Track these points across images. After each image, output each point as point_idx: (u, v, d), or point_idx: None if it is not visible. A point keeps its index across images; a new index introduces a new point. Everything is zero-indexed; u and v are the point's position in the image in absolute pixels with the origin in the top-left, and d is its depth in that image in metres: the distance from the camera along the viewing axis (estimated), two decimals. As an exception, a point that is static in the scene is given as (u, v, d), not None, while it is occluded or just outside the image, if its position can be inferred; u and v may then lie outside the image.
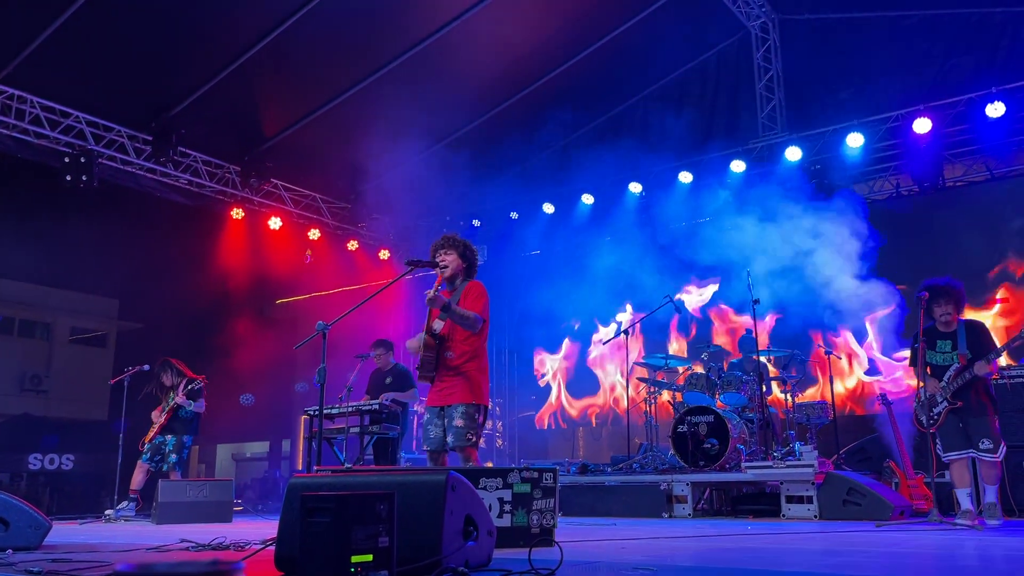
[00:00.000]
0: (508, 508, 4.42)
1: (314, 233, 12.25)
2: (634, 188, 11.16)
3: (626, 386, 9.49)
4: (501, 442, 12.29)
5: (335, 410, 8.02)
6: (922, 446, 6.27)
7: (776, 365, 9.05)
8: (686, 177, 10.72)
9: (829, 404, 8.54)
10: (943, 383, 5.89)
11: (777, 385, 8.79)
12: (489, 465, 9.78)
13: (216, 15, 9.01)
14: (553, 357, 12.51)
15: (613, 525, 6.42)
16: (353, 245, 12.67)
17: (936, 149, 9.44)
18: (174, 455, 8.58)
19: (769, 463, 7.29)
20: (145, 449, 8.60)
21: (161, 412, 8.64)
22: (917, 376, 6.08)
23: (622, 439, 9.85)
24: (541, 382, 12.57)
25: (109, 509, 8.64)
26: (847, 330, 9.80)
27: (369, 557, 2.63)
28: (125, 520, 8.35)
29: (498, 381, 12.47)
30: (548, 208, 11.91)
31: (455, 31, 9.76)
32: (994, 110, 8.89)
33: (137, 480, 8.55)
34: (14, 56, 8.71)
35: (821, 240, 9.10)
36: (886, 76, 10.16)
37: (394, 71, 10.17)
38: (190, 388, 8.60)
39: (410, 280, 5.00)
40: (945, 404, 5.87)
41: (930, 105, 9.29)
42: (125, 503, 8.54)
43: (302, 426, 12.36)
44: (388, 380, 8.58)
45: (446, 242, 5.37)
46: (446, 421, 5.11)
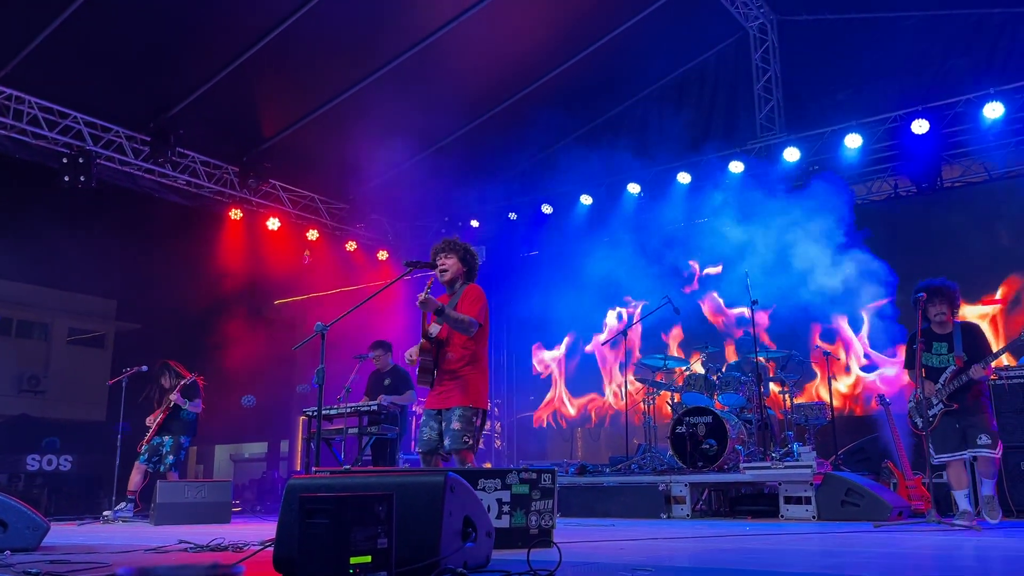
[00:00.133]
0: (507, 509, 4.42)
1: (312, 234, 12.24)
2: (632, 189, 11.17)
3: (624, 387, 9.49)
4: (500, 443, 12.29)
5: (334, 411, 8.02)
6: (920, 447, 6.28)
7: (774, 366, 9.04)
8: (684, 178, 10.73)
9: (827, 405, 8.54)
10: (939, 385, 5.89)
11: (775, 385, 8.78)
12: (487, 466, 9.78)
13: (215, 16, 9.00)
14: (552, 354, 12.49)
15: (611, 526, 6.43)
16: (351, 246, 12.66)
17: (934, 150, 9.44)
18: (171, 456, 8.58)
19: (767, 464, 7.30)
20: (143, 451, 8.59)
21: (156, 416, 8.64)
22: (912, 378, 6.08)
23: (620, 440, 9.86)
24: (543, 375, 12.53)
25: (107, 510, 8.64)
26: (844, 329, 9.80)
27: (368, 558, 2.63)
28: (123, 521, 8.34)
29: (496, 382, 12.46)
30: (546, 209, 11.91)
31: (453, 32, 9.76)
32: (992, 111, 8.89)
33: (135, 481, 8.55)
34: (12, 56, 8.70)
35: (820, 240, 9.12)
36: (884, 77, 10.16)
37: (392, 72, 10.17)
38: (184, 385, 8.60)
39: (409, 281, 5.00)
40: (941, 406, 5.86)
41: (928, 106, 9.29)
42: (123, 504, 8.53)
43: (300, 427, 12.37)
44: (387, 382, 8.59)
45: (447, 245, 5.36)
46: (443, 424, 5.10)
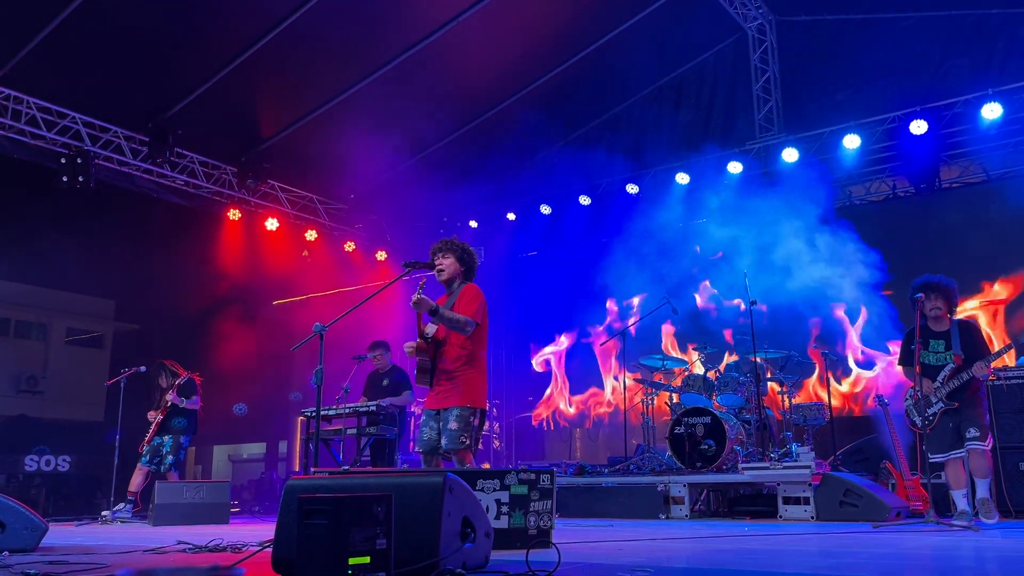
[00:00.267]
0: (505, 510, 4.42)
1: (311, 234, 12.23)
2: (631, 189, 11.17)
3: (623, 387, 9.49)
4: (498, 443, 12.29)
5: (332, 412, 8.02)
6: (919, 447, 6.28)
7: (773, 366, 9.04)
8: (683, 178, 10.73)
9: (826, 405, 8.54)
10: (937, 384, 5.87)
11: (776, 384, 8.77)
12: (486, 467, 9.78)
13: (213, 16, 9.00)
14: (551, 349, 12.48)
15: (610, 526, 6.43)
16: (350, 246, 12.65)
17: (933, 151, 9.44)
18: (171, 456, 8.57)
19: (766, 464, 7.30)
20: (144, 452, 8.58)
21: (156, 415, 8.63)
22: (909, 376, 6.08)
23: (619, 440, 9.85)
24: (542, 371, 12.51)
25: (105, 511, 8.63)
26: (842, 329, 9.80)
27: (367, 559, 2.63)
28: (122, 522, 8.33)
29: (495, 383, 12.45)
30: (545, 209, 11.91)
31: (452, 33, 9.76)
32: (990, 111, 8.90)
33: (136, 482, 8.54)
34: (10, 57, 8.69)
35: (819, 240, 9.13)
36: (883, 77, 10.17)
37: (391, 73, 10.16)
38: (179, 384, 8.59)
39: (407, 281, 5.00)
40: (941, 405, 5.84)
41: (927, 107, 9.30)
42: (122, 504, 8.53)
43: (299, 427, 12.35)
44: (385, 382, 8.58)
45: (444, 245, 5.36)
46: (441, 424, 5.10)
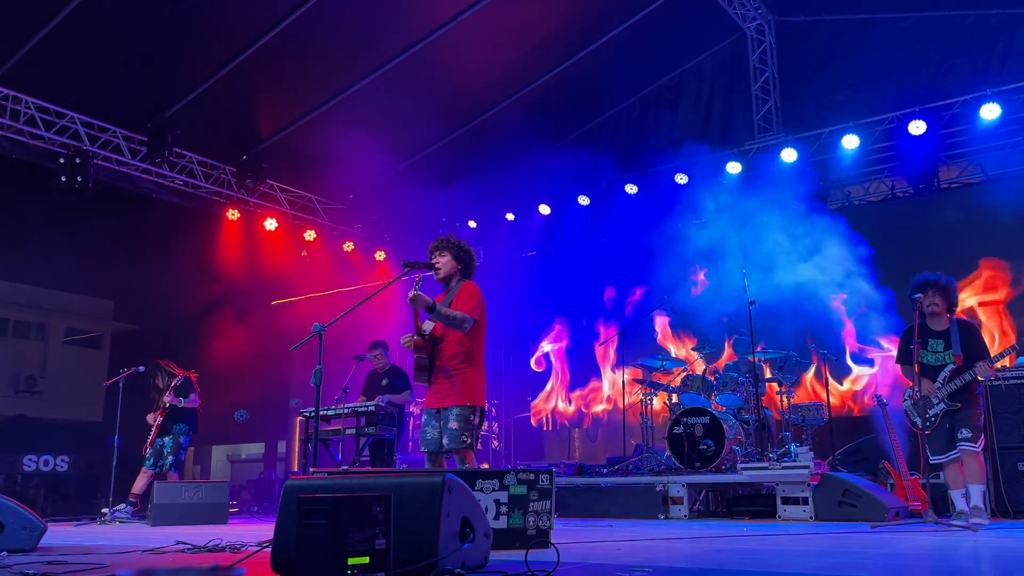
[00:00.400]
0: (504, 510, 4.42)
1: (310, 234, 12.23)
2: (630, 189, 11.18)
3: (623, 387, 9.50)
4: (497, 444, 12.29)
5: (331, 411, 8.02)
6: (917, 447, 6.27)
7: (772, 367, 9.05)
8: (682, 178, 10.73)
9: (824, 405, 8.55)
10: (937, 384, 5.82)
11: (776, 384, 8.77)
12: (485, 467, 9.78)
13: (212, 16, 9.00)
14: (549, 349, 12.48)
15: (609, 526, 6.43)
16: (349, 246, 12.65)
17: (931, 151, 9.45)
18: (171, 456, 8.57)
19: (765, 464, 7.30)
20: (148, 455, 8.57)
21: (155, 418, 8.63)
22: (907, 375, 6.06)
23: (618, 440, 9.87)
24: (540, 368, 12.51)
25: (105, 508, 8.62)
26: (841, 329, 9.80)
27: (366, 559, 2.63)
28: (120, 522, 8.33)
29: (494, 383, 12.45)
30: (544, 209, 11.91)
31: (450, 33, 9.76)
32: (989, 112, 8.91)
33: (139, 485, 8.52)
34: (9, 57, 8.69)
35: (817, 241, 9.13)
36: (882, 78, 10.19)
37: (390, 73, 10.17)
38: (175, 385, 8.59)
39: (406, 281, 5.01)
40: (942, 406, 5.78)
41: (925, 107, 9.31)
42: (122, 505, 8.52)
43: (297, 427, 12.35)
44: (384, 382, 8.58)
45: (440, 244, 5.38)
46: (442, 423, 5.11)
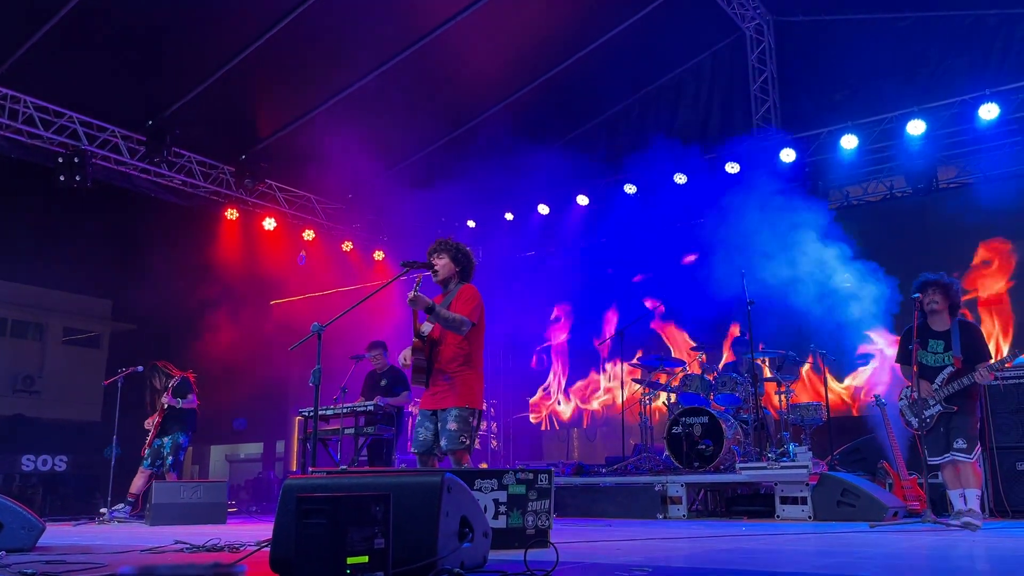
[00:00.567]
0: (503, 509, 4.42)
1: (308, 234, 12.21)
2: (629, 189, 11.18)
3: (622, 387, 9.50)
4: (496, 444, 12.29)
5: (330, 411, 8.01)
6: (915, 447, 6.27)
7: (770, 367, 9.05)
8: (681, 178, 10.73)
9: (823, 405, 8.55)
10: (936, 386, 5.75)
11: (775, 384, 8.78)
12: (484, 467, 9.78)
13: (211, 16, 8.99)
14: (549, 346, 12.48)
15: (608, 526, 6.44)
16: (348, 246, 12.64)
17: (930, 151, 9.48)
18: (171, 456, 8.57)
19: (763, 464, 7.31)
20: (146, 455, 8.57)
21: (153, 420, 8.62)
22: (906, 375, 6.03)
23: (617, 440, 9.87)
24: (542, 365, 12.51)
25: (103, 508, 8.61)
26: (840, 329, 9.81)
27: (365, 559, 2.63)
28: (119, 522, 8.32)
29: (492, 383, 12.45)
30: (543, 209, 11.91)
31: (453, 29, 9.76)
32: (987, 112, 8.92)
33: (137, 485, 8.52)
34: (8, 56, 8.68)
35: (816, 240, 9.12)
36: (880, 78, 10.19)
37: (390, 71, 10.16)
38: (173, 385, 8.58)
39: (405, 281, 5.01)
40: (939, 408, 5.70)
41: (924, 107, 9.32)
42: (121, 505, 8.51)
43: (296, 427, 12.34)
44: (383, 382, 8.57)
45: (439, 246, 5.37)
46: (439, 425, 5.10)
